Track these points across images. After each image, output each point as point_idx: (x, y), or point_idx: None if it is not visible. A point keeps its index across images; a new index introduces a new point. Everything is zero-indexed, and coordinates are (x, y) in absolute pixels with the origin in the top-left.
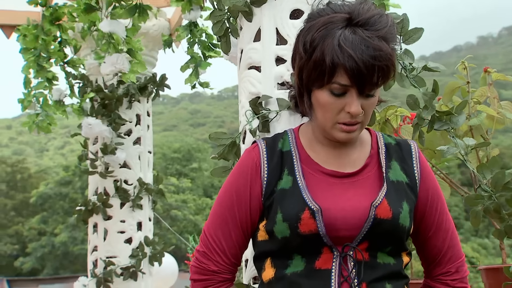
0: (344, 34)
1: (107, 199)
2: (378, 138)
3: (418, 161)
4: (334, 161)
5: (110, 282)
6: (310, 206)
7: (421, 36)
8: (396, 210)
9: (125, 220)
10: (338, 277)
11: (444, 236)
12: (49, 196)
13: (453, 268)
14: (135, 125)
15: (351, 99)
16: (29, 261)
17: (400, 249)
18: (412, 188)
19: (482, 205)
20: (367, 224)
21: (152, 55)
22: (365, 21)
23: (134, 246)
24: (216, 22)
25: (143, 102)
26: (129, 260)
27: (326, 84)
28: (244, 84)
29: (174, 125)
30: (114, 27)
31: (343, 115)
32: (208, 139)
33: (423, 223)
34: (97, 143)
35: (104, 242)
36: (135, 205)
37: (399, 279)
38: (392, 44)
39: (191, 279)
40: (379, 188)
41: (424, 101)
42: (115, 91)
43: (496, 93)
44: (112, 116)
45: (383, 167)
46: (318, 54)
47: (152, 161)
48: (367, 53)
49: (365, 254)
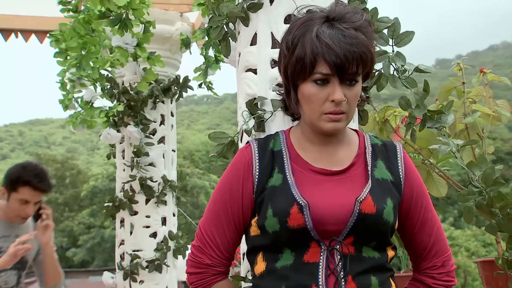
0: (321, 28)
1: (133, 195)
2: (365, 139)
3: (403, 161)
4: (322, 160)
5: (136, 274)
6: (298, 202)
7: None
8: (380, 206)
9: (150, 216)
10: (325, 270)
11: (429, 232)
12: (98, 190)
13: (439, 262)
14: (159, 125)
15: (333, 87)
16: (79, 253)
17: (384, 243)
18: (396, 186)
19: (474, 201)
20: (352, 218)
21: (175, 58)
22: (341, 16)
23: (158, 240)
24: (216, 27)
25: (167, 102)
26: (154, 253)
27: (309, 75)
28: (242, 86)
29: (218, 124)
30: (122, 41)
31: (328, 104)
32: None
33: (408, 220)
34: (124, 142)
35: (130, 236)
36: (159, 201)
37: (383, 271)
38: (368, 36)
39: (187, 272)
40: (364, 185)
41: (416, 100)
42: (140, 92)
43: (491, 92)
44: (138, 117)
45: (368, 166)
46: (299, 49)
47: (176, 159)
48: (344, 41)
49: (351, 248)
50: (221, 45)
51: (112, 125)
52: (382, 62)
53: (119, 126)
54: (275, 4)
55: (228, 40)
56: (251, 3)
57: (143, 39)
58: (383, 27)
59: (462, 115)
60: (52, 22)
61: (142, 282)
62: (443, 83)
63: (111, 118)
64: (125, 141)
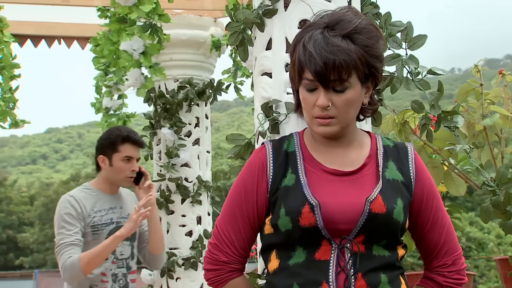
0: (312, 35)
1: (169, 195)
2: (377, 141)
3: (413, 162)
4: (335, 161)
5: (173, 272)
6: (310, 201)
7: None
8: (390, 206)
9: (186, 215)
10: (335, 267)
11: (440, 231)
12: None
13: (450, 261)
14: (194, 127)
15: (319, 93)
16: None
17: (395, 242)
18: (407, 187)
19: (489, 200)
20: (362, 218)
21: (210, 62)
22: (335, 23)
23: (194, 238)
24: (233, 33)
25: (201, 105)
26: (189, 251)
27: (299, 81)
28: (258, 89)
29: None
30: (129, 46)
31: (316, 109)
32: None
33: (419, 219)
34: (160, 144)
35: (167, 235)
36: (194, 200)
37: (393, 269)
38: (360, 42)
39: (204, 269)
40: (375, 185)
41: (431, 100)
42: (175, 96)
43: (510, 94)
44: (173, 120)
45: (380, 167)
46: (294, 55)
47: (210, 160)
48: (325, 49)
49: (362, 246)
50: (238, 50)
51: (148, 127)
52: (395, 65)
53: (156, 129)
54: (289, 9)
55: (246, 45)
56: (266, 9)
57: (150, 49)
58: (396, 31)
59: (480, 116)
60: (93, 29)
61: (179, 279)
62: (489, 84)
63: (149, 121)
64: (161, 143)
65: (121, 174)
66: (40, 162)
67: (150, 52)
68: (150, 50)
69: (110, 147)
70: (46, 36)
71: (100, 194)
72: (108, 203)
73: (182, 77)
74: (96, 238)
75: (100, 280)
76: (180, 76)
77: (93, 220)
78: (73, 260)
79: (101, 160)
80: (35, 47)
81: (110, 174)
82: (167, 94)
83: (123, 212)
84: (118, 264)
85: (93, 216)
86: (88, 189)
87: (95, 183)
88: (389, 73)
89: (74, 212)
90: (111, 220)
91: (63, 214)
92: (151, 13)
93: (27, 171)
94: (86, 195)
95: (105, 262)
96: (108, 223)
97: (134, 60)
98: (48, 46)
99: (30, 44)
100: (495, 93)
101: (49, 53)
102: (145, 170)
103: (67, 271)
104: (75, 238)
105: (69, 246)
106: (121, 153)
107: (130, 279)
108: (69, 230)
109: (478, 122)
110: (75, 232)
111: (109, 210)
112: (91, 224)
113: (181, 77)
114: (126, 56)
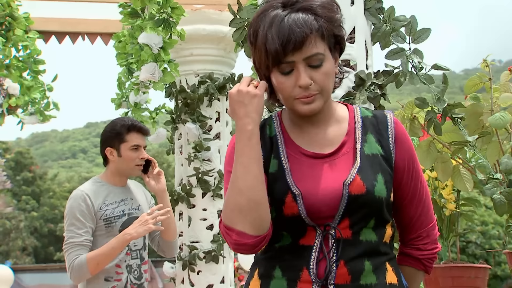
0: (274, 17)
1: (190, 189)
2: (355, 113)
3: (393, 131)
4: (314, 142)
5: (194, 265)
6: (292, 190)
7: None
8: (369, 184)
9: (207, 209)
10: (318, 253)
11: (418, 203)
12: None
13: (424, 233)
14: (214, 121)
15: (297, 73)
16: None
17: (383, 221)
18: (387, 159)
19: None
20: (342, 202)
21: (230, 57)
22: (292, 1)
23: (215, 232)
24: (237, 29)
25: (222, 100)
26: (210, 245)
27: (273, 67)
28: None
29: None
30: (149, 39)
31: (297, 90)
32: None
33: (399, 191)
34: (181, 139)
35: (188, 228)
36: (215, 194)
37: (379, 255)
38: (325, 15)
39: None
40: (352, 166)
41: (437, 93)
42: (196, 91)
43: None
44: (195, 114)
45: (357, 143)
46: (257, 44)
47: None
48: (296, 26)
49: (349, 232)
50: (243, 46)
51: (169, 122)
52: (400, 59)
53: (177, 124)
54: None
55: None
56: None
57: (167, 44)
58: (400, 26)
59: (489, 110)
60: (116, 25)
61: (200, 272)
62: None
63: (170, 116)
64: (183, 138)
65: (131, 163)
66: (80, 156)
67: (168, 47)
68: (167, 46)
69: (117, 138)
70: (70, 32)
71: (110, 187)
72: (119, 195)
73: (203, 72)
74: (109, 231)
75: (115, 272)
76: (201, 71)
77: (105, 213)
78: (81, 261)
79: (109, 153)
80: (59, 43)
81: (119, 165)
82: (188, 89)
83: (134, 203)
84: (132, 255)
85: (105, 210)
86: (99, 183)
87: (105, 177)
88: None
89: (86, 208)
90: (123, 212)
91: (75, 210)
92: (163, 6)
93: (67, 165)
94: (97, 188)
95: (119, 254)
96: (121, 215)
97: (152, 54)
98: (72, 42)
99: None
100: (503, 88)
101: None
102: (152, 158)
103: (75, 271)
104: (85, 238)
105: (77, 246)
106: (128, 143)
107: (143, 269)
108: (80, 228)
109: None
110: (85, 231)
111: (121, 202)
112: (103, 217)
113: (201, 72)
114: (147, 50)
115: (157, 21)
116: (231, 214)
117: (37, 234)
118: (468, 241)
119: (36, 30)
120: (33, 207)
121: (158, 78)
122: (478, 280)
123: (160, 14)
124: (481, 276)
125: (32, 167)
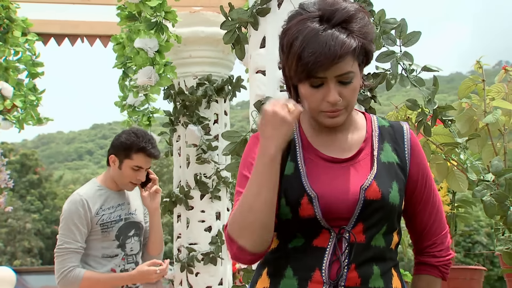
0: (310, 30)
1: (188, 191)
2: (373, 122)
3: (409, 142)
4: (332, 147)
5: (192, 267)
6: (308, 193)
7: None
8: (385, 190)
9: (205, 210)
10: (331, 256)
11: (430, 211)
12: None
13: (439, 240)
14: (213, 123)
15: (327, 89)
16: None
17: (392, 228)
18: (402, 168)
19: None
20: (358, 206)
21: (228, 59)
22: (329, 13)
23: (213, 234)
24: (228, 31)
25: (220, 102)
26: (209, 246)
27: (303, 80)
28: (253, 87)
29: None
30: (144, 44)
31: (325, 104)
32: None
33: (413, 199)
34: (180, 140)
35: (186, 230)
36: (213, 196)
37: (386, 261)
38: (360, 31)
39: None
40: (370, 171)
41: (428, 95)
42: (194, 93)
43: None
44: (194, 116)
45: (375, 150)
46: (291, 54)
47: (229, 157)
48: (330, 45)
49: (362, 236)
50: (235, 48)
51: (168, 124)
52: (390, 62)
53: (175, 125)
54: (282, 8)
55: (242, 43)
56: (259, 8)
57: (163, 47)
58: (390, 28)
59: (482, 112)
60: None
61: (198, 274)
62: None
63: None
64: (181, 140)
65: (126, 179)
66: (86, 158)
67: (164, 50)
68: (163, 49)
69: (124, 152)
70: (69, 35)
71: (108, 191)
72: (116, 200)
73: (201, 74)
74: (105, 236)
75: None
76: (199, 73)
77: (102, 218)
78: (77, 276)
79: (111, 160)
80: (58, 45)
81: (115, 175)
82: (187, 91)
83: (131, 208)
84: (127, 260)
85: (102, 215)
86: (97, 187)
87: (103, 181)
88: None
89: (83, 214)
90: (119, 217)
91: (73, 215)
92: (157, 10)
93: (73, 167)
94: (95, 193)
95: (115, 259)
96: (117, 220)
97: (148, 58)
98: (71, 44)
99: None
100: (497, 88)
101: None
102: (153, 176)
103: (67, 281)
104: (80, 245)
105: (71, 253)
106: (133, 161)
107: None
108: (75, 234)
109: (480, 119)
110: (80, 238)
111: (117, 207)
112: (100, 222)
113: (200, 74)
114: (143, 54)
115: (149, 25)
116: (236, 227)
117: (42, 236)
118: (474, 242)
119: (35, 33)
120: (38, 208)
121: (155, 82)
122: (474, 282)
123: (154, 18)
124: (477, 277)
125: (38, 168)
